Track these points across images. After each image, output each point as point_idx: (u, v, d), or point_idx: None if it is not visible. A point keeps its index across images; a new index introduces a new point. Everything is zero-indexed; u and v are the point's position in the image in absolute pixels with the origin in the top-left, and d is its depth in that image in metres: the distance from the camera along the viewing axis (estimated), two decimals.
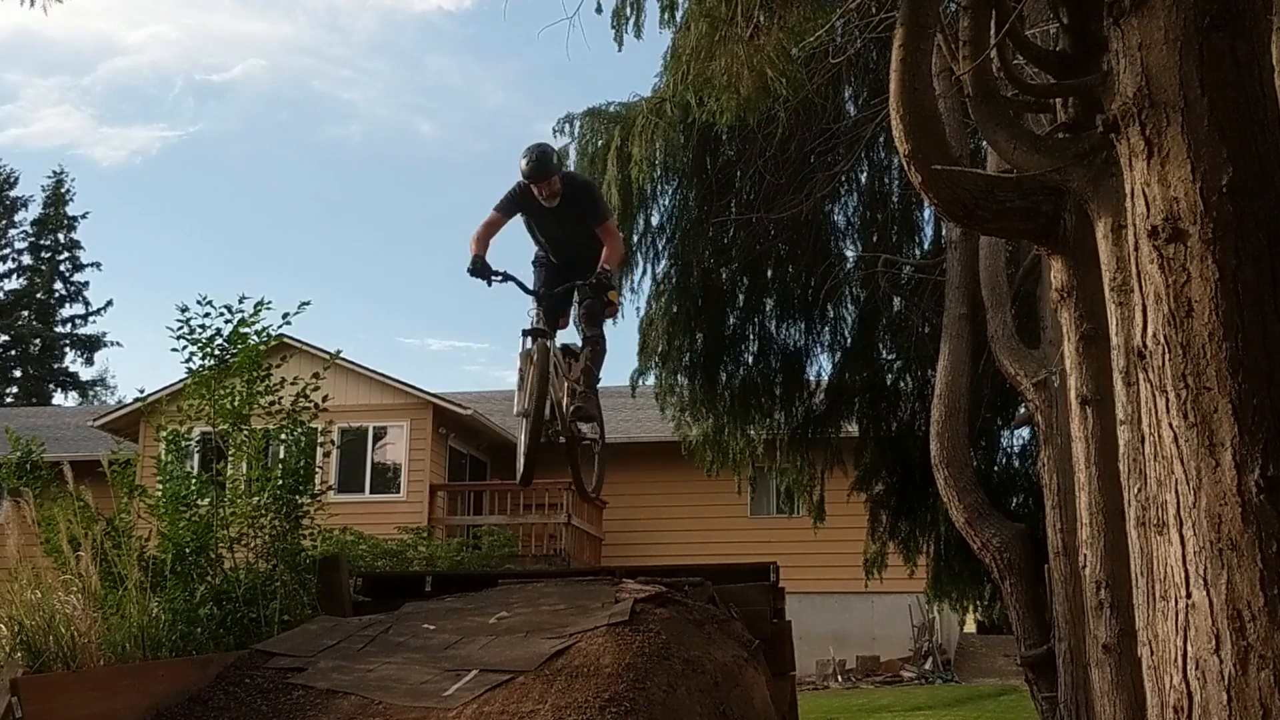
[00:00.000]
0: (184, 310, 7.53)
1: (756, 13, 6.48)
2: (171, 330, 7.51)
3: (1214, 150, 2.96)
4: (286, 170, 59.08)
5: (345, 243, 61.03)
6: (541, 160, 6.40)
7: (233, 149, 57.92)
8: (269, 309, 7.57)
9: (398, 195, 60.64)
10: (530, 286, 6.61)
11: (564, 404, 6.57)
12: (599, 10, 8.31)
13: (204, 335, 7.50)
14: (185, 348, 7.51)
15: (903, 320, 11.45)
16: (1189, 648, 2.88)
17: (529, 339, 6.41)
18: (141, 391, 9.26)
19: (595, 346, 6.76)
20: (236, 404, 7.32)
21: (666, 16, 9.50)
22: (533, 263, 6.88)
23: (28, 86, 56.75)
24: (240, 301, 7.56)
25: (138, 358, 56.98)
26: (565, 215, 6.56)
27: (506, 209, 6.60)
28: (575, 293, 6.65)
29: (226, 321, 7.51)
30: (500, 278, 6.46)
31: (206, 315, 7.52)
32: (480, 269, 6.39)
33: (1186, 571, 2.89)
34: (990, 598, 12.93)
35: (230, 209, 59.80)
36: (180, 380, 7.99)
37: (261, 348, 7.52)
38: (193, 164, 57.95)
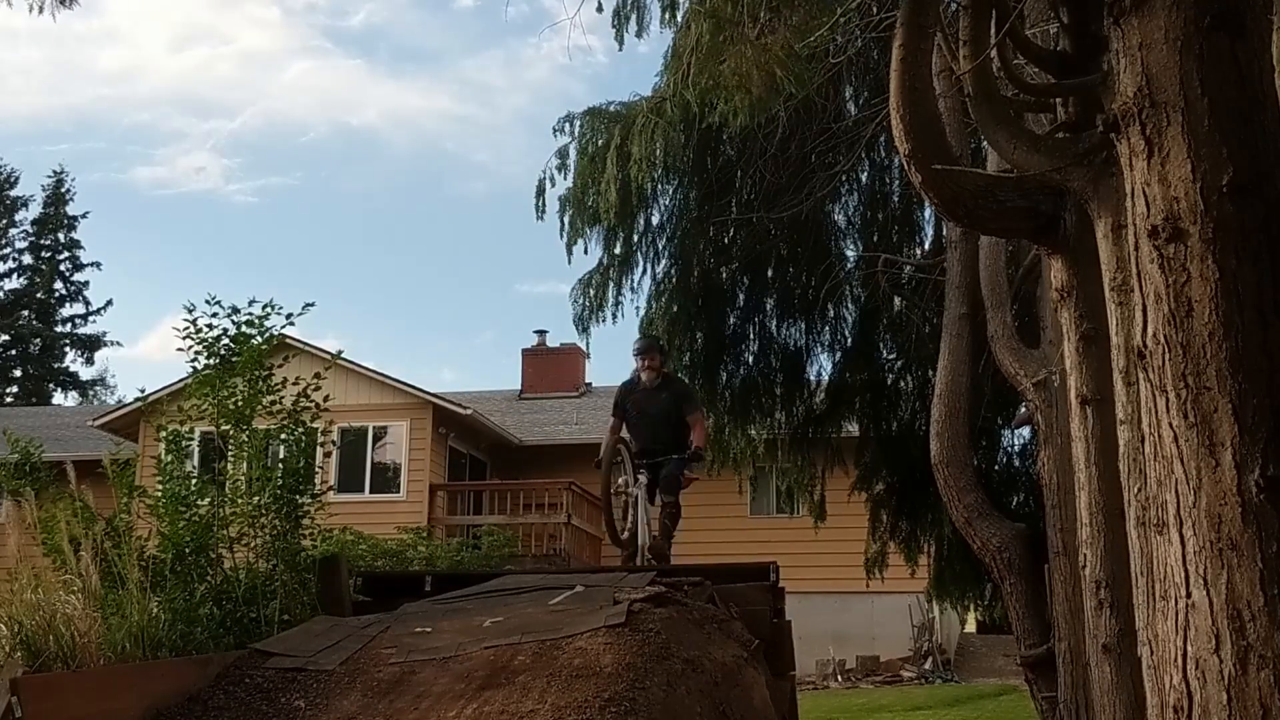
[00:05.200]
0: (191, 310, 7.53)
1: (762, 12, 6.45)
2: (178, 330, 7.52)
3: (1214, 150, 2.96)
4: (407, 217, 61.14)
5: (449, 278, 63.10)
6: (649, 339, 9.05)
7: (357, 197, 59.51)
8: (277, 312, 7.58)
9: (510, 240, 64.35)
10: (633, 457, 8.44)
11: (644, 535, 8.26)
12: (599, 10, 8.28)
13: (210, 335, 7.50)
14: (191, 347, 7.51)
15: (903, 320, 11.45)
16: (1189, 647, 2.88)
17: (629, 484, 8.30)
18: (141, 391, 9.25)
19: (672, 510, 8.39)
20: (240, 404, 7.32)
21: (667, 16, 9.51)
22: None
23: (186, 132, 58.25)
24: (250, 304, 7.57)
25: (138, 358, 57.16)
26: (660, 397, 8.39)
27: (617, 406, 8.61)
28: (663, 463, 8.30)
29: (235, 323, 7.52)
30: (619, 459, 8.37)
31: (214, 315, 7.53)
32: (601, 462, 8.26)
33: (1186, 571, 2.89)
34: (990, 597, 12.95)
35: (345, 248, 61.87)
36: (180, 380, 7.99)
37: (264, 348, 7.51)
38: (316, 209, 59.79)
